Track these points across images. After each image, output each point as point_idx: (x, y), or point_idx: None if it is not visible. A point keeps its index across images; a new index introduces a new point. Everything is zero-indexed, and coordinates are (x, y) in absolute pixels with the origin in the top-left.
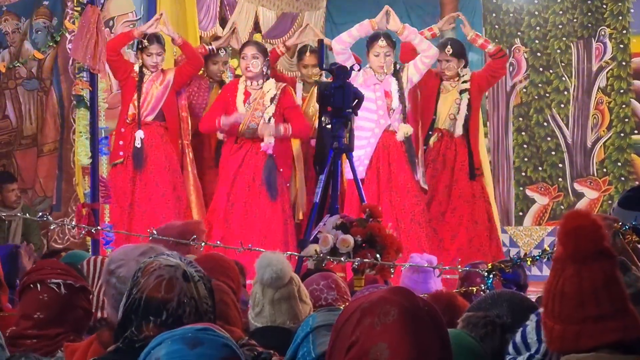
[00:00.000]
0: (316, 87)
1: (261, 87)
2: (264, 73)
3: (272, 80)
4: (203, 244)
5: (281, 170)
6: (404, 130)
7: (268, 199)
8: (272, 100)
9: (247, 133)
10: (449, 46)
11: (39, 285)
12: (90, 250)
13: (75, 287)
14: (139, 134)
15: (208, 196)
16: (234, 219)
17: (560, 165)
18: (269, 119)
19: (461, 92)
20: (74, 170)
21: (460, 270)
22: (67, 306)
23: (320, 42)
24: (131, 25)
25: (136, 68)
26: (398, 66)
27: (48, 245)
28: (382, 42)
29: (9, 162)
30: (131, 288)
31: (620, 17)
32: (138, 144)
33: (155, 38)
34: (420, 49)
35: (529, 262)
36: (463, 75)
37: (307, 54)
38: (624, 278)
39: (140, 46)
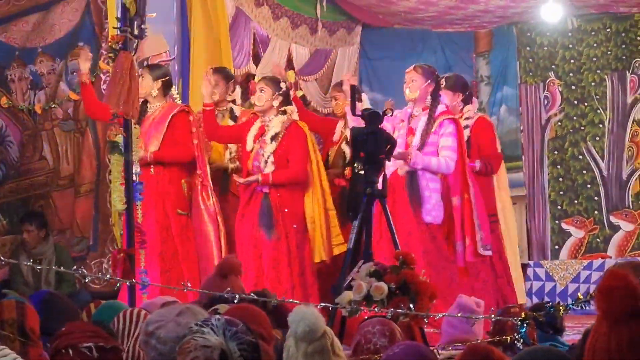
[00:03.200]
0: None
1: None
2: (275, 107)
3: (282, 117)
4: (237, 296)
5: (286, 210)
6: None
7: (267, 239)
8: (273, 138)
9: (253, 172)
10: (442, 79)
11: (70, 351)
12: (126, 293)
13: (106, 348)
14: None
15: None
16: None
17: (596, 198)
18: (268, 158)
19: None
20: (110, 211)
21: (493, 319)
22: None
23: (353, 87)
24: (165, 66)
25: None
26: (434, 102)
27: (85, 286)
28: (409, 68)
29: (47, 203)
30: None
31: None
32: None
33: (150, 63)
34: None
35: (561, 312)
36: (464, 113)
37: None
38: None
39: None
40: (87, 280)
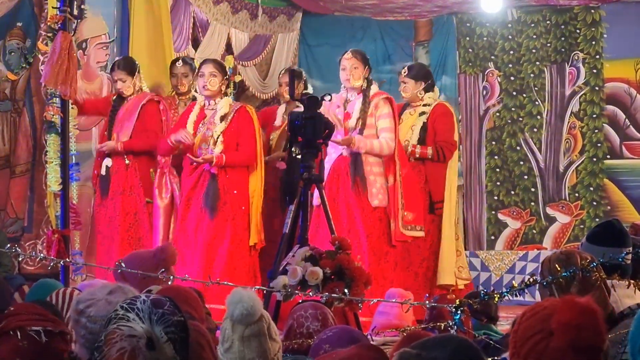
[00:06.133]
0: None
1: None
2: (222, 92)
3: (227, 99)
4: (172, 277)
5: (235, 192)
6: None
7: (209, 219)
8: (222, 118)
9: (201, 154)
10: (405, 68)
11: (18, 332)
12: (60, 274)
13: (54, 332)
14: (106, 162)
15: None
16: (183, 243)
17: (533, 189)
18: (217, 138)
19: (420, 114)
20: (45, 192)
21: (427, 306)
22: (46, 352)
23: (292, 71)
24: (104, 47)
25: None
26: (368, 84)
27: (19, 267)
28: (347, 55)
29: None
30: (94, 351)
31: (594, 42)
32: (103, 172)
33: (123, 62)
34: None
35: (496, 300)
36: (424, 99)
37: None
38: None
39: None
40: (20, 260)
